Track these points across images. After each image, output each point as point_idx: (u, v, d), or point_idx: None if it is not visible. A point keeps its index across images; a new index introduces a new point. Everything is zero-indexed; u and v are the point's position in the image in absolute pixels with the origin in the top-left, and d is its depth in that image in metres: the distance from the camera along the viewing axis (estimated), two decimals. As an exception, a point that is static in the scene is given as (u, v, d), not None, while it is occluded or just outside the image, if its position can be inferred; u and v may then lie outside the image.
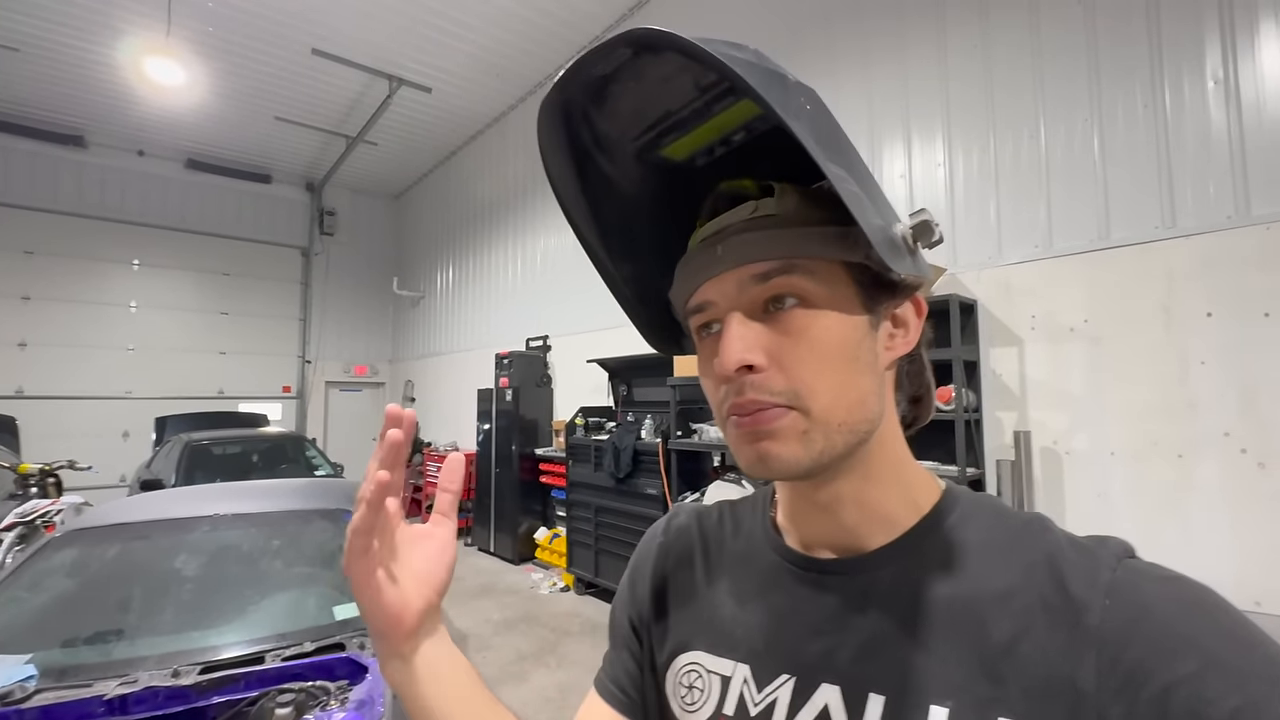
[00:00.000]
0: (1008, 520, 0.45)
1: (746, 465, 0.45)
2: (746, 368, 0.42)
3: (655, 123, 0.48)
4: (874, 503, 0.47)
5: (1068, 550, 0.41)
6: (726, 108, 0.46)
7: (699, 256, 0.46)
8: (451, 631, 2.42)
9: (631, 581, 0.63)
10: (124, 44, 5.75)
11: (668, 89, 0.45)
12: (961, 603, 0.42)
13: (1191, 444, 2.49)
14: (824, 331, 0.43)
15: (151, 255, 8.31)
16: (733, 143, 0.50)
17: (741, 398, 0.43)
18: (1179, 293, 2.52)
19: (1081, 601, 0.38)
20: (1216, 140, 2.47)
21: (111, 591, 2.11)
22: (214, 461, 5.17)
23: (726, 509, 0.61)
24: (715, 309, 0.45)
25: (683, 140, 0.49)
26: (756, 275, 0.43)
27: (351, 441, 9.65)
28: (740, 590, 0.53)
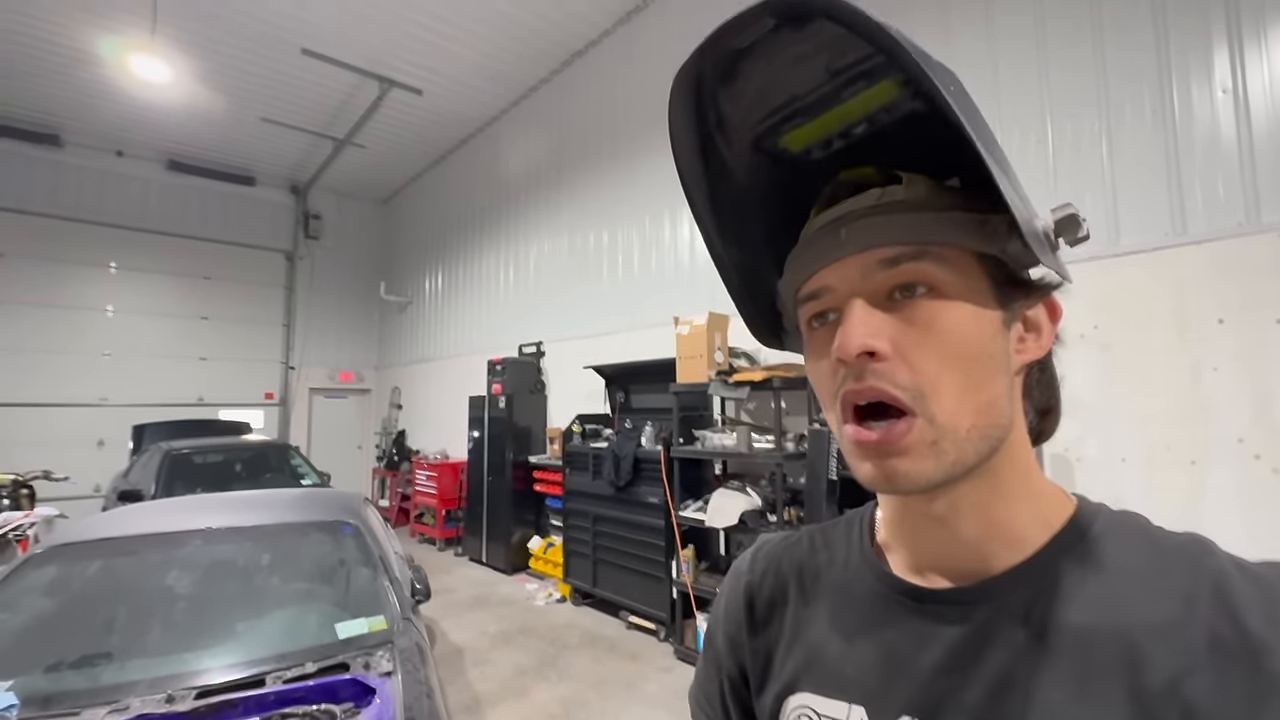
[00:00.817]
0: (1159, 540, 0.41)
1: (867, 480, 0.41)
2: (869, 354, 0.39)
3: (779, 108, 0.46)
4: (1001, 518, 0.43)
5: (1237, 578, 0.37)
6: (855, 94, 0.43)
7: (818, 242, 0.43)
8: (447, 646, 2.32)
9: (727, 621, 0.59)
10: (107, 40, 5.57)
11: (797, 71, 0.43)
12: (1109, 635, 0.37)
13: (1204, 450, 2.48)
14: (955, 324, 0.40)
15: (129, 258, 8.07)
16: (852, 136, 0.46)
17: (861, 384, 0.40)
18: (1190, 299, 2.53)
19: (1261, 640, 0.33)
20: (1226, 148, 2.48)
21: (98, 611, 1.99)
22: (195, 471, 4.98)
23: (817, 535, 0.57)
24: (833, 295, 0.42)
25: (803, 129, 0.47)
26: (884, 260, 0.40)
27: (336, 449, 9.44)
28: (846, 625, 0.49)
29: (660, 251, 5.01)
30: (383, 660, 1.91)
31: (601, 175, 5.71)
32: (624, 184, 5.43)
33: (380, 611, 2.14)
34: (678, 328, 3.98)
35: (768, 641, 0.54)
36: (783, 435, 3.37)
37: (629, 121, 5.41)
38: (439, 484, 6.99)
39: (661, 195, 5.02)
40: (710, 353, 3.77)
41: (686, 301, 4.57)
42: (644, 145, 5.23)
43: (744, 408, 4.14)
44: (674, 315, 4.17)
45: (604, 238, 5.63)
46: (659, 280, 5.01)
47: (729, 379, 3.55)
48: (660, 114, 4.57)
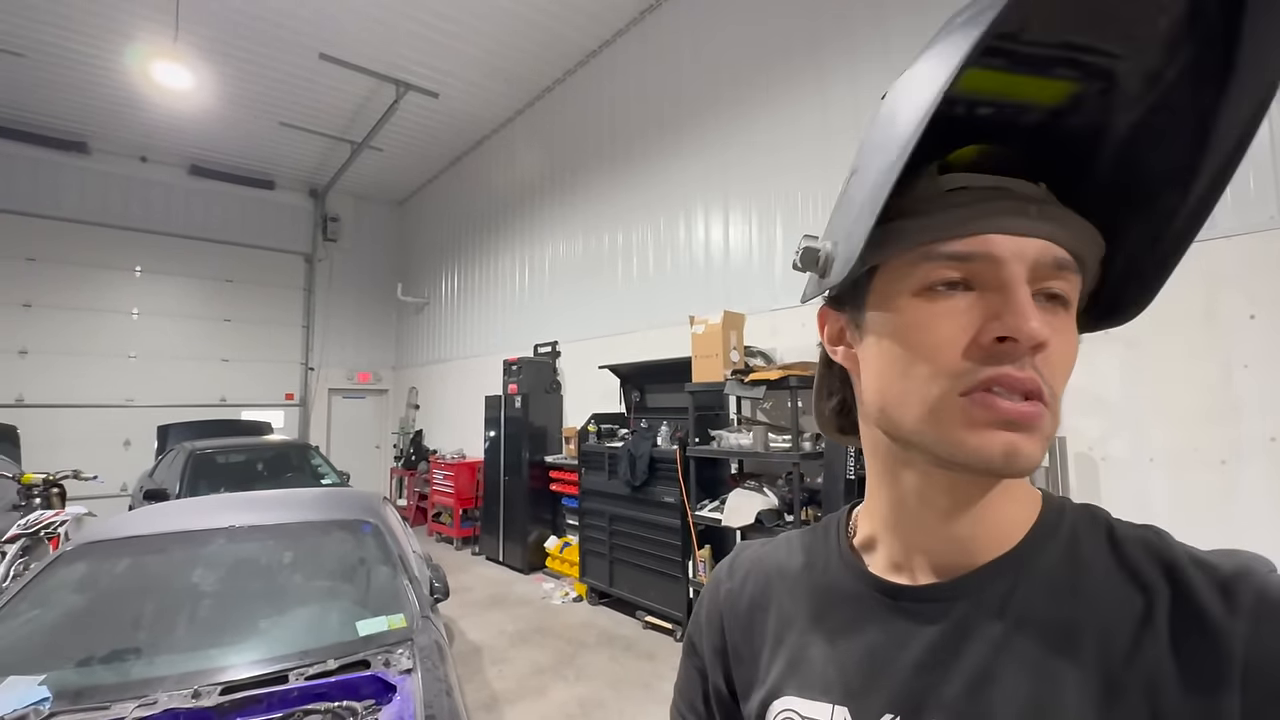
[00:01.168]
0: (1120, 532, 0.42)
1: (983, 453, 0.38)
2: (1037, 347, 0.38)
3: (1007, 35, 0.38)
4: (998, 515, 0.43)
5: (1192, 567, 0.38)
6: (1058, 76, 0.41)
7: (991, 203, 0.39)
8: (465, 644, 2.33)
9: (709, 629, 0.58)
10: (131, 49, 5.70)
11: (1054, 12, 0.37)
12: (1080, 624, 0.39)
13: (1236, 449, 2.42)
14: (1073, 341, 0.41)
15: (154, 262, 8.24)
16: (974, 112, 0.43)
17: (1023, 373, 0.38)
18: (1220, 295, 2.47)
19: (1220, 627, 0.35)
20: (1257, 139, 2.41)
21: (126, 608, 2.03)
22: (219, 470, 5.08)
23: (795, 540, 0.57)
24: (991, 266, 0.39)
25: (983, 73, 0.41)
26: (1057, 259, 0.39)
27: (355, 449, 9.56)
28: (826, 627, 0.49)
29: (675, 251, 5.00)
30: (403, 658, 1.92)
31: (616, 176, 5.72)
32: (639, 184, 5.43)
33: (400, 610, 2.16)
34: (693, 327, 3.97)
35: (751, 648, 0.53)
36: (800, 434, 3.35)
37: (643, 122, 5.41)
38: (456, 483, 7.04)
39: (676, 195, 5.01)
40: (726, 352, 3.75)
41: (702, 300, 4.56)
42: (657, 145, 5.23)
43: (760, 407, 4.11)
44: (689, 314, 4.16)
45: (619, 238, 5.63)
46: (674, 280, 5.00)
47: (745, 378, 3.53)
48: (673, 113, 4.54)
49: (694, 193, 4.84)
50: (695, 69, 4.91)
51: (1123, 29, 0.38)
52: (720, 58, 4.68)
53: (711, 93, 4.73)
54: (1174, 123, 0.39)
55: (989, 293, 0.39)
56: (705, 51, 4.83)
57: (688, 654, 0.60)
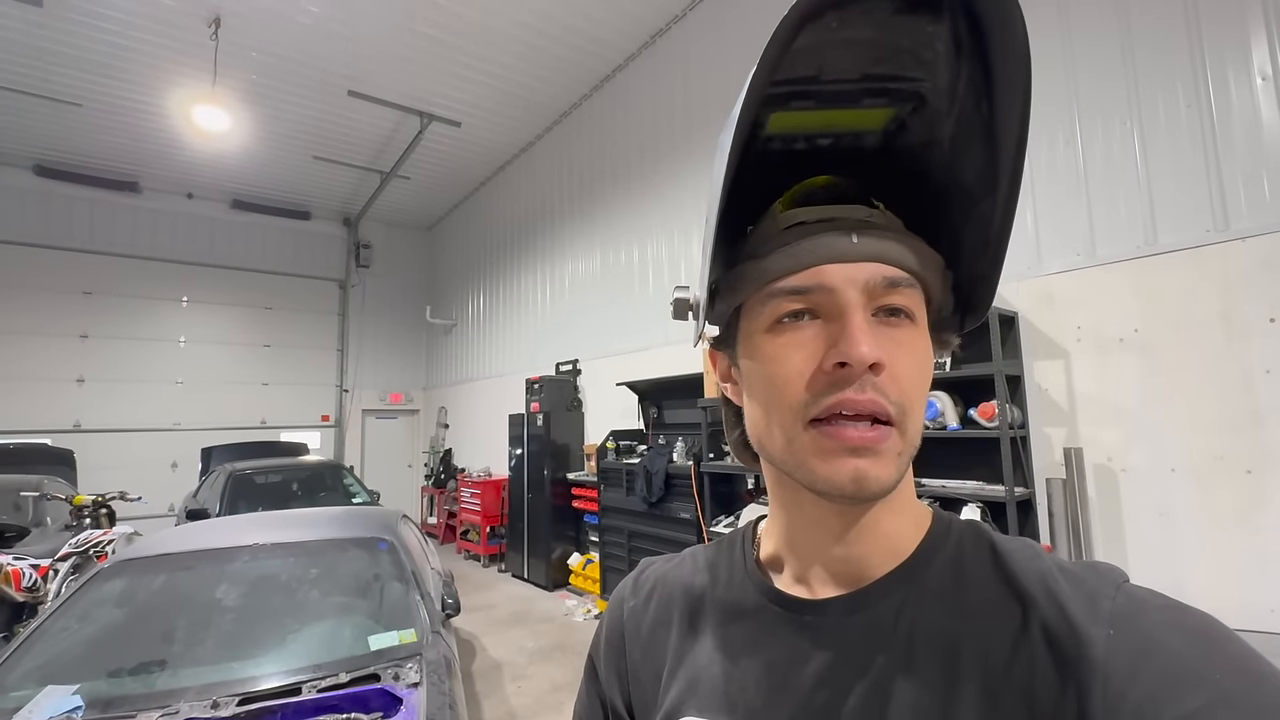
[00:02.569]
0: (999, 546, 0.44)
1: (833, 481, 0.40)
2: (871, 366, 0.39)
3: (799, 80, 0.41)
4: (888, 531, 0.45)
5: (1060, 578, 0.40)
6: (868, 106, 0.43)
7: (820, 236, 0.42)
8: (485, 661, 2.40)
9: (607, 646, 0.58)
10: (175, 95, 6.10)
11: (839, 55, 0.40)
12: (964, 634, 0.40)
13: (1261, 459, 2.33)
14: (924, 354, 0.43)
15: (199, 292, 8.69)
16: (815, 144, 0.46)
17: (862, 395, 0.39)
18: (1237, 298, 2.39)
19: (1085, 633, 0.37)
20: (1270, 138, 2.35)
21: (156, 622, 2.15)
22: (256, 490, 5.29)
23: (701, 556, 0.57)
24: (828, 296, 0.41)
25: (800, 113, 0.44)
26: (888, 279, 0.41)
27: (387, 468, 9.81)
28: (729, 645, 0.49)
29: (689, 266, 5.06)
30: (411, 672, 1.99)
31: (630, 194, 5.82)
32: (652, 201, 5.52)
33: (411, 625, 2.23)
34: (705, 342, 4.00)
35: (652, 667, 0.53)
36: (811, 449, 3.33)
37: (656, 139, 5.51)
38: (482, 501, 7.16)
39: (689, 210, 5.08)
40: (737, 367, 3.76)
41: (715, 316, 4.59)
42: (669, 162, 5.31)
43: (774, 421, 4.10)
44: (701, 330, 4.20)
45: (634, 255, 5.72)
46: (688, 296, 5.04)
47: (755, 393, 3.53)
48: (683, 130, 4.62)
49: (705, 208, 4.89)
50: (705, 86, 5.00)
51: (911, 56, 0.40)
52: (730, 75, 4.75)
53: (721, 108, 4.81)
54: (972, 132, 0.42)
55: (830, 322, 0.41)
56: (714, 69, 4.91)
57: (589, 678, 0.59)
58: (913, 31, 0.39)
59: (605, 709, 0.56)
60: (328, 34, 5.39)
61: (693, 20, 5.14)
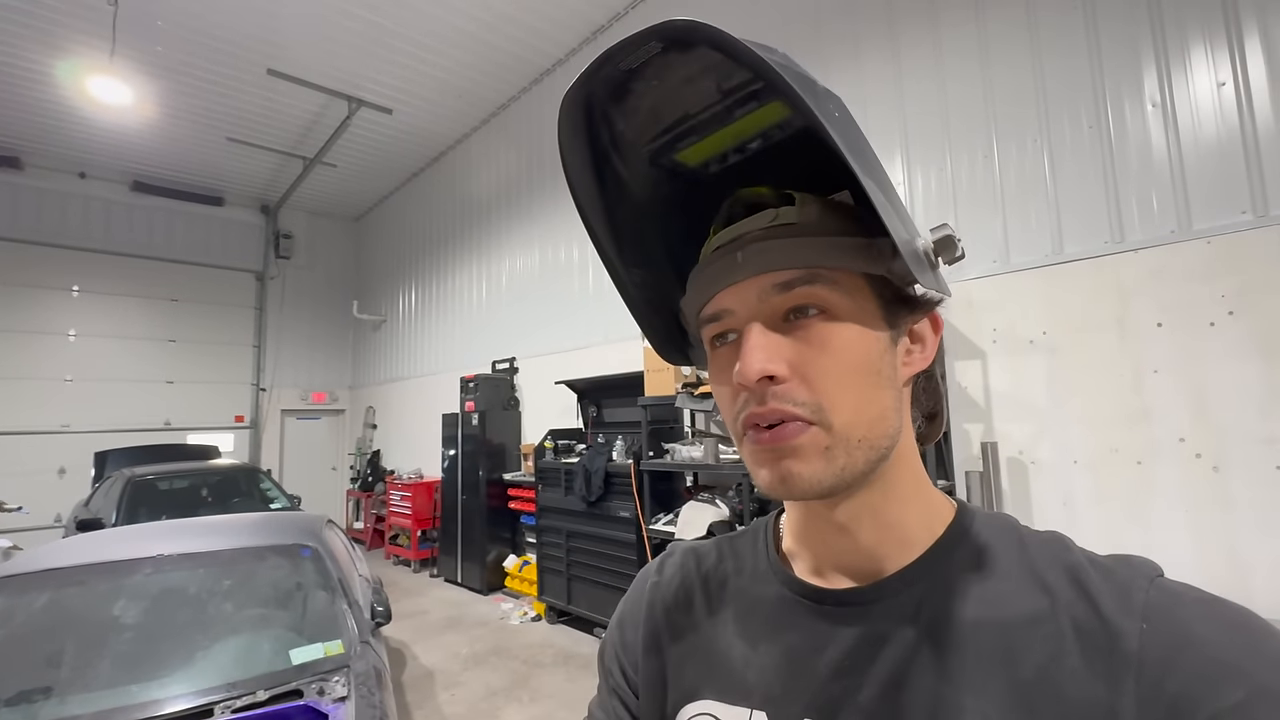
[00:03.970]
0: (1026, 538, 0.44)
1: (767, 486, 0.42)
2: (768, 378, 0.40)
3: (672, 125, 0.46)
4: (893, 521, 0.45)
5: (1091, 570, 0.40)
6: (747, 113, 0.45)
7: (716, 263, 0.44)
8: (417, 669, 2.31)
9: (621, 626, 0.59)
10: (65, 63, 5.51)
11: (689, 90, 0.44)
12: (988, 627, 0.40)
13: (1149, 450, 2.56)
14: (846, 344, 0.41)
15: (93, 281, 7.90)
16: (748, 150, 0.48)
17: (763, 407, 0.41)
18: (1130, 305, 2.62)
19: (1117, 626, 0.36)
20: (1158, 159, 2.59)
21: (40, 645, 1.93)
22: (160, 498, 4.86)
23: (725, 544, 0.58)
24: (733, 318, 0.43)
25: (698, 145, 0.48)
26: (779, 284, 0.42)
27: (309, 471, 9.28)
28: (749, 630, 0.49)
29: (629, 266, 5.05)
30: (337, 685, 1.88)
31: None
32: (593, 200, 5.47)
33: (337, 636, 2.11)
34: (645, 341, 4.01)
35: (670, 643, 0.54)
36: (749, 446, 3.40)
37: (597, 138, 5.47)
38: (413, 504, 6.89)
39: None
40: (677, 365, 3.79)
41: (655, 315, 4.61)
42: (612, 162, 5.29)
43: (712, 419, 4.17)
44: (642, 329, 4.20)
45: (574, 252, 5.66)
46: (629, 294, 5.04)
47: (695, 391, 3.58)
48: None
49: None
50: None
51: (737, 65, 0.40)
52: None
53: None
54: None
55: (740, 340, 0.43)
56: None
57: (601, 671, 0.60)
58: (708, 56, 0.40)
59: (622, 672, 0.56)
60: (245, 6, 5.02)
61: (635, 19, 5.14)
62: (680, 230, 0.51)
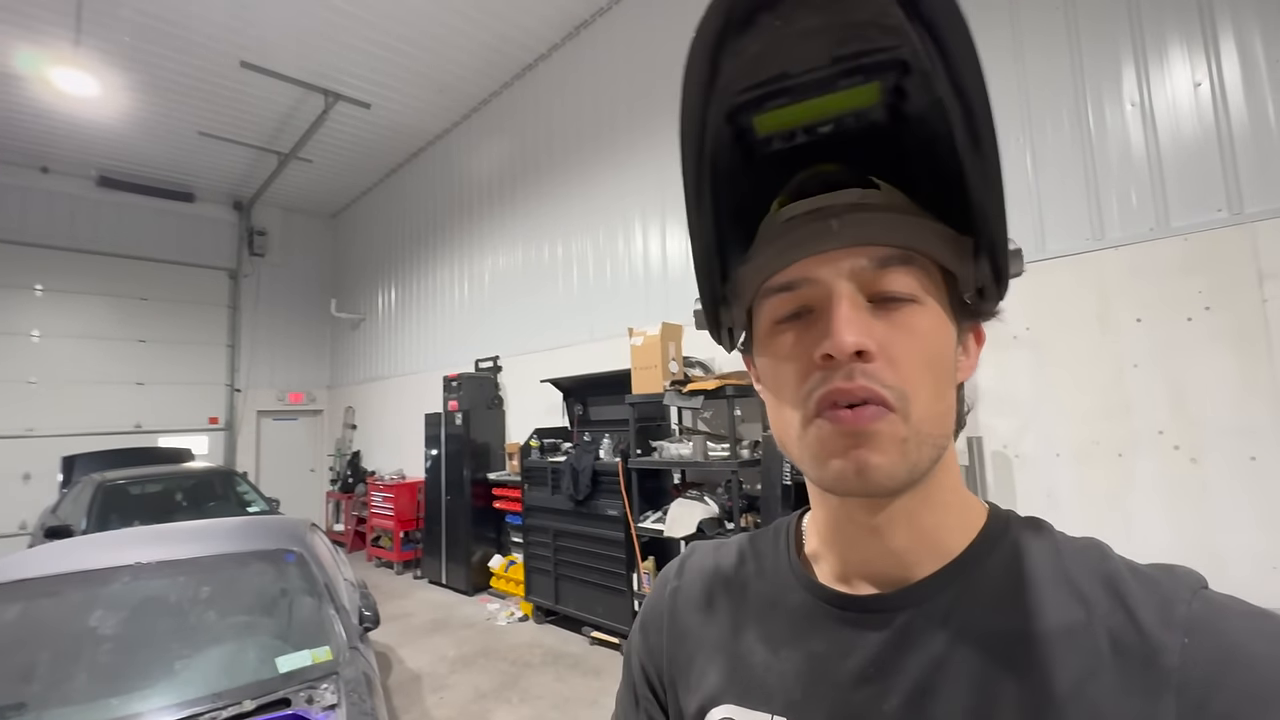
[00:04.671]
0: (1063, 546, 0.43)
1: (836, 477, 0.40)
2: (858, 354, 0.38)
3: (767, 81, 0.41)
4: (928, 526, 0.43)
5: (1131, 579, 0.38)
6: (851, 86, 0.40)
7: (801, 229, 0.41)
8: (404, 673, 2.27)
9: (644, 631, 0.58)
10: (25, 53, 5.30)
11: (801, 47, 0.38)
12: (1020, 639, 0.38)
13: (1129, 443, 2.62)
14: (932, 333, 0.40)
15: (57, 280, 7.64)
16: (816, 134, 0.44)
17: (851, 383, 0.38)
18: (1110, 300, 2.67)
19: (1156, 639, 0.35)
20: (1136, 158, 2.65)
21: (11, 660, 1.85)
22: (131, 503, 4.72)
23: (746, 544, 0.56)
24: (814, 289, 0.41)
25: (782, 111, 0.42)
26: (876, 259, 0.40)
27: (287, 473, 9.10)
28: (771, 635, 0.48)
29: (615, 263, 5.03)
30: (327, 693, 1.84)
31: (555, 188, 5.71)
32: (577, 196, 5.44)
33: (325, 642, 2.06)
34: (632, 339, 3.99)
35: (692, 648, 0.53)
36: (738, 443, 3.41)
37: (580, 135, 5.43)
38: (396, 505, 6.80)
39: (615, 207, 5.05)
40: (665, 363, 3.79)
41: (641, 313, 4.60)
42: (594, 158, 5.26)
43: (700, 416, 4.17)
44: (628, 326, 4.19)
45: (558, 250, 5.62)
46: (614, 292, 5.02)
47: (683, 388, 3.57)
48: (609, 125, 4.58)
49: (633, 205, 4.89)
50: (632, 83, 4.98)
51: (875, 26, 0.36)
52: (657, 72, 4.76)
53: (649, 106, 4.81)
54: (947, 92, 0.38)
55: (821, 314, 0.40)
56: (642, 66, 4.90)
57: (625, 670, 0.59)
58: (861, 3, 0.35)
59: (647, 679, 0.56)
60: (217, -3, 4.88)
61: (618, 13, 5.10)
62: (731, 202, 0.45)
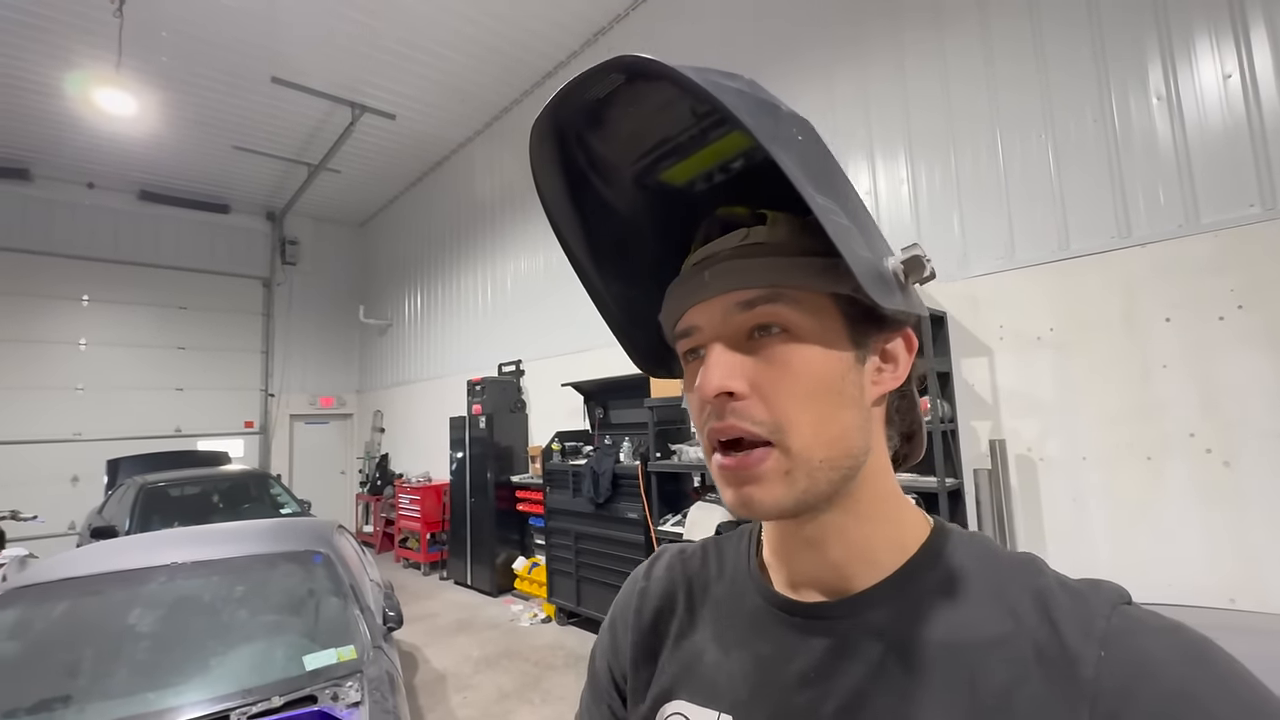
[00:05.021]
0: (999, 560, 0.44)
1: (730, 506, 0.44)
2: (727, 394, 0.41)
3: (653, 148, 0.48)
4: (860, 540, 0.45)
5: (1059, 594, 0.40)
6: (723, 135, 0.45)
7: (687, 281, 0.46)
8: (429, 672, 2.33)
9: (612, 629, 0.60)
10: (72, 75, 5.56)
11: (665, 115, 0.45)
12: (952, 650, 0.40)
13: (1159, 446, 2.55)
14: (806, 364, 0.42)
15: (102, 290, 7.98)
16: (731, 170, 0.49)
17: (721, 422, 0.42)
18: (1138, 299, 2.61)
19: (1075, 652, 0.36)
20: (1164, 153, 2.58)
21: (58, 654, 1.96)
22: (172, 504, 4.91)
23: (711, 547, 0.59)
24: (700, 334, 0.45)
25: (681, 166, 0.49)
26: (741, 302, 0.43)
27: (318, 476, 9.34)
28: (724, 636, 0.51)
29: (634, 267, 5.05)
30: (351, 691, 1.90)
31: (574, 194, 5.75)
32: (596, 202, 5.47)
33: (350, 641, 2.13)
34: (650, 343, 4.01)
35: (653, 646, 0.55)
36: (756, 446, 3.40)
37: (599, 140, 5.47)
38: (422, 507, 6.93)
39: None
40: (683, 366, 3.79)
41: (660, 316, 4.61)
42: (614, 163, 5.29)
43: (720, 420, 4.16)
44: (647, 330, 4.20)
45: (579, 255, 5.66)
46: (633, 296, 5.04)
47: (701, 392, 3.57)
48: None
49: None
50: (648, 89, 5.00)
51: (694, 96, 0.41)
52: (671, 78, 4.78)
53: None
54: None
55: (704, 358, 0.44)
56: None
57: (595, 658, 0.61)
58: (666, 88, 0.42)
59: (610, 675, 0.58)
60: (249, 15, 5.05)
61: (635, 20, 5.13)
62: (670, 246, 0.52)
